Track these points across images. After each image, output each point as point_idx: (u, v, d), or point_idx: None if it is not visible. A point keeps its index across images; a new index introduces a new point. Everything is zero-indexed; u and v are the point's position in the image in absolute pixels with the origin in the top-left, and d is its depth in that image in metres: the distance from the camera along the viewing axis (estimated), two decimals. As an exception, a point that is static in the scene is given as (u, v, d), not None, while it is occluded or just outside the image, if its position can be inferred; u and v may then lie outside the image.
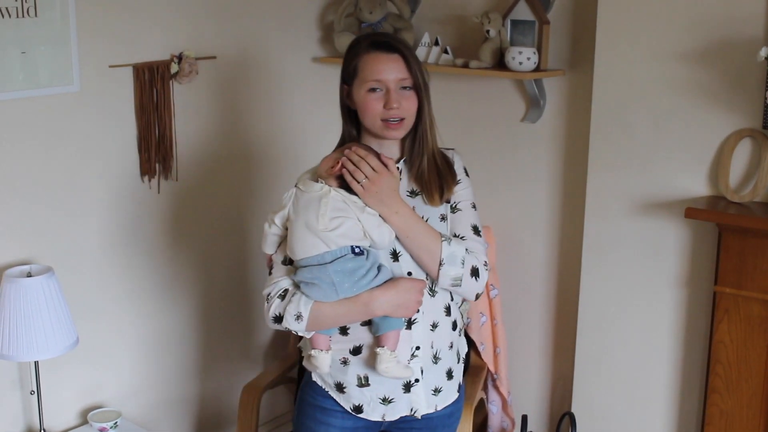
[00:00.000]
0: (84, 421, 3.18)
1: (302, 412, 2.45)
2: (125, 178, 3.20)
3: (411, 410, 2.35)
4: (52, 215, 3.01)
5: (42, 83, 2.91)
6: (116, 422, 3.11)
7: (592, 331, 3.30)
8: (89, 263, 3.14)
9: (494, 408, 3.59)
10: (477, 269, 2.29)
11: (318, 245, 2.19)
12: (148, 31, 3.18)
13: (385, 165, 2.23)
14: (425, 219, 2.28)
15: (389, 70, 2.25)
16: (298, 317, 2.22)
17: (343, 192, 2.22)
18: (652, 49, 2.99)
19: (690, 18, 2.90)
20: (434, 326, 2.32)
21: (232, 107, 3.52)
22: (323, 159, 2.29)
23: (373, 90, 2.25)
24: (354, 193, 2.22)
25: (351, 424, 2.37)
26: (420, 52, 3.57)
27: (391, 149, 2.34)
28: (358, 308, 2.22)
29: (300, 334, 2.27)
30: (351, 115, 2.35)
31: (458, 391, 2.45)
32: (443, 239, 2.25)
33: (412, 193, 2.32)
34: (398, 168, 2.32)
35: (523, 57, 3.25)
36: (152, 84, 3.20)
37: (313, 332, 2.27)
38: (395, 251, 2.27)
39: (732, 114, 2.87)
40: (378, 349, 2.24)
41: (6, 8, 2.77)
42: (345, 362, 2.33)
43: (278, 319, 2.25)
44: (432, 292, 2.30)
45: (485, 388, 3.57)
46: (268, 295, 2.28)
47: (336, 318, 2.24)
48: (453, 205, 2.34)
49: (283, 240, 2.30)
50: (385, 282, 2.23)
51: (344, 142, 2.35)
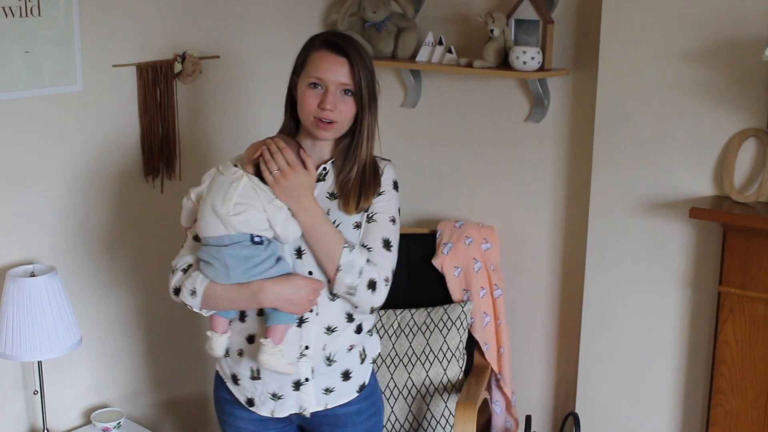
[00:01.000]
0: (87, 421, 3.18)
1: (216, 405, 2.52)
2: (129, 178, 3.20)
3: (300, 408, 2.37)
4: (56, 215, 3.01)
5: (45, 83, 2.91)
6: (119, 422, 3.11)
7: (596, 331, 3.29)
8: (92, 263, 3.14)
9: (498, 408, 3.58)
10: (375, 282, 2.27)
11: (218, 227, 2.23)
12: (152, 31, 3.18)
13: (303, 161, 2.25)
14: (337, 224, 2.28)
15: (332, 72, 2.25)
16: (193, 293, 2.28)
17: (256, 180, 2.25)
18: (657, 49, 2.98)
19: (695, 17, 2.89)
20: (329, 330, 2.32)
21: (236, 107, 3.52)
22: (250, 145, 2.32)
23: (314, 86, 2.26)
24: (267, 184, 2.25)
25: (257, 416, 2.40)
26: (424, 52, 3.56)
27: (324, 149, 2.35)
28: (247, 295, 2.25)
29: (195, 311, 2.31)
30: (293, 107, 2.36)
31: (357, 392, 2.43)
32: (345, 246, 2.25)
33: (332, 196, 2.32)
34: (324, 169, 2.33)
35: (527, 56, 3.24)
36: (156, 83, 3.19)
37: (211, 312, 2.33)
38: (299, 249, 2.28)
39: (737, 113, 2.86)
40: (261, 340, 2.27)
41: (9, 7, 2.77)
42: (241, 353, 2.37)
43: (177, 292, 2.33)
44: (332, 296, 2.31)
45: (489, 388, 3.56)
46: (174, 267, 2.35)
47: (226, 301, 2.28)
48: (369, 215, 2.33)
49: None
50: (280, 276, 2.24)
51: (282, 133, 2.39)
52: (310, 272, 2.29)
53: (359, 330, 2.39)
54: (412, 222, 3.78)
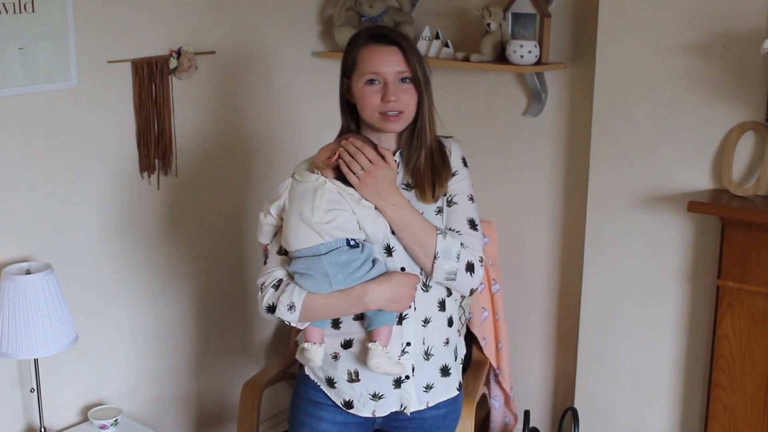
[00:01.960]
0: (84, 419, 3.18)
1: (295, 406, 2.44)
2: (124, 174, 3.19)
3: (401, 406, 2.33)
4: (51, 212, 3.00)
5: (40, 79, 2.90)
6: (117, 419, 3.10)
7: (595, 326, 3.29)
8: (88, 260, 3.13)
9: (497, 403, 3.58)
10: (472, 264, 2.26)
11: (313, 237, 2.18)
12: (147, 27, 3.16)
13: (383, 156, 2.21)
14: (420, 212, 2.26)
15: (387, 63, 2.23)
16: (291, 307, 2.21)
17: (339, 184, 2.21)
18: (654, 42, 2.97)
19: (692, 10, 2.88)
20: (426, 322, 2.30)
21: (232, 102, 3.50)
22: (320, 149, 2.28)
23: (371, 82, 2.24)
24: (350, 185, 2.20)
25: (343, 419, 2.36)
26: (421, 46, 3.55)
27: (389, 142, 2.32)
28: (352, 301, 2.21)
29: (293, 325, 2.25)
30: (350, 109, 2.33)
31: (458, 390, 2.42)
32: (438, 233, 2.23)
33: (408, 186, 2.30)
34: (395, 160, 2.30)
35: (524, 50, 3.23)
36: (151, 79, 3.18)
37: (307, 324, 2.27)
38: (389, 246, 2.25)
39: (735, 107, 2.85)
40: (370, 344, 2.23)
41: (3, 4, 2.76)
42: (336, 357, 2.32)
43: (271, 309, 2.25)
44: (425, 287, 2.28)
45: (487, 384, 3.56)
46: (262, 285, 2.27)
47: (328, 310, 2.23)
48: (449, 198, 2.31)
49: (278, 230, 2.29)
50: (379, 276, 2.21)
51: (343, 134, 2.34)
52: (402, 268, 2.26)
53: (450, 323, 2.36)
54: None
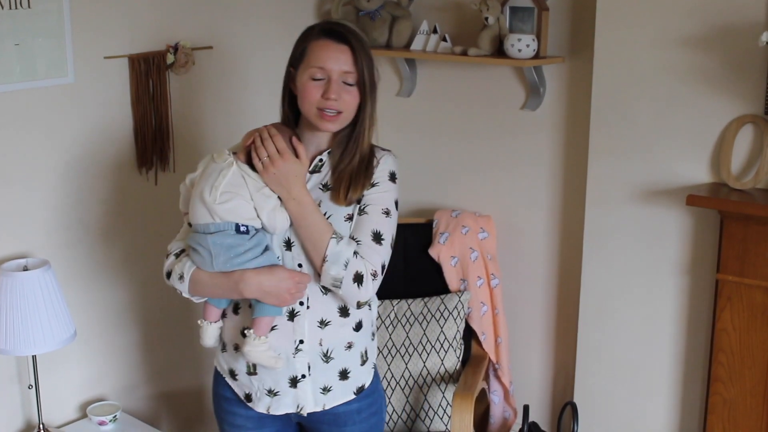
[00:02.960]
0: (83, 415, 3.18)
1: (214, 402, 2.50)
2: (122, 170, 3.19)
3: (297, 407, 2.34)
4: (49, 208, 3.00)
5: (37, 75, 2.89)
6: (115, 416, 3.10)
7: (594, 320, 3.28)
8: (86, 256, 3.12)
9: (496, 398, 3.58)
10: (361, 276, 2.22)
11: (205, 215, 2.23)
12: (143, 22, 3.16)
13: (295, 149, 2.22)
14: (328, 215, 2.24)
15: (335, 60, 2.22)
16: (181, 277, 2.29)
17: (246, 168, 2.23)
18: (653, 35, 2.96)
19: (691, 3, 2.87)
20: (323, 323, 2.29)
21: (229, 98, 3.50)
22: (246, 133, 2.30)
23: (315, 78, 2.22)
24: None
25: (255, 414, 2.38)
26: (418, 40, 3.54)
27: (321, 140, 2.32)
28: (229, 284, 2.23)
29: (185, 296, 2.32)
30: (292, 100, 2.33)
31: (355, 394, 2.39)
32: (333, 236, 2.21)
33: (325, 187, 2.28)
34: (321, 160, 2.30)
35: (522, 44, 3.22)
36: (148, 75, 3.17)
37: (202, 300, 2.32)
38: (289, 240, 2.26)
39: (733, 100, 2.85)
40: (246, 330, 2.26)
41: (-1, -1, 2.76)
42: (236, 348, 2.34)
43: (168, 275, 2.34)
44: (324, 290, 2.28)
45: (487, 378, 3.56)
46: (169, 250, 2.36)
47: (210, 288, 2.27)
48: (361, 207, 2.28)
49: None
50: (264, 267, 2.22)
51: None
52: (300, 264, 2.26)
53: (358, 328, 2.35)
54: (408, 212, 3.77)
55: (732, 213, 2.81)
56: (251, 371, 2.33)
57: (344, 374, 2.35)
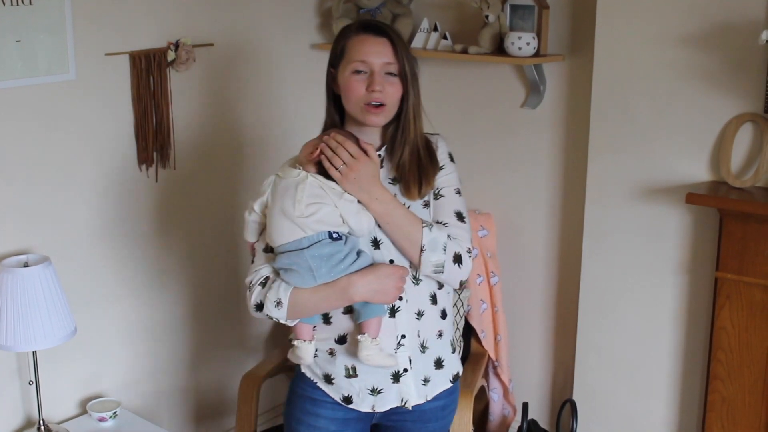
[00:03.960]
0: (83, 411, 3.18)
1: (292, 403, 2.44)
2: (123, 167, 3.19)
3: (401, 401, 2.33)
4: (49, 204, 3.00)
5: (38, 71, 2.89)
6: (115, 412, 3.11)
7: (593, 318, 3.28)
8: (87, 253, 3.13)
9: (495, 395, 3.58)
10: (460, 255, 2.25)
11: (294, 231, 2.18)
12: (145, 19, 3.16)
13: (365, 151, 2.21)
14: (407, 206, 2.25)
15: (375, 53, 2.22)
16: (278, 304, 2.21)
17: (321, 178, 2.21)
18: (653, 33, 2.96)
19: (690, 1, 2.87)
20: (419, 315, 2.29)
21: (230, 95, 3.50)
22: (303, 145, 2.27)
23: (358, 72, 2.23)
24: (333, 180, 2.20)
25: (341, 415, 2.35)
26: (419, 38, 3.55)
27: (373, 137, 2.31)
28: (337, 293, 2.20)
29: (282, 322, 2.25)
30: (336, 101, 2.33)
31: (452, 382, 2.41)
32: (424, 225, 2.22)
33: (394, 181, 2.29)
34: (379, 155, 2.29)
35: (523, 42, 3.23)
36: (149, 72, 3.18)
37: (297, 321, 2.26)
38: (376, 239, 2.25)
39: (733, 98, 2.85)
40: (359, 337, 2.22)
41: (0, -4, 2.76)
42: (332, 353, 2.31)
43: (259, 307, 2.24)
44: (416, 280, 2.28)
45: (486, 376, 3.56)
46: (250, 283, 2.27)
47: (315, 304, 2.22)
48: (436, 192, 2.31)
49: (264, 227, 2.29)
50: (365, 268, 2.21)
51: (327, 129, 2.33)
52: (391, 260, 2.26)
53: (443, 315, 2.36)
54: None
55: (731, 211, 2.81)
56: (350, 374, 2.31)
57: (439, 363, 2.36)
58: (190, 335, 3.53)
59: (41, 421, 2.95)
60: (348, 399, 2.33)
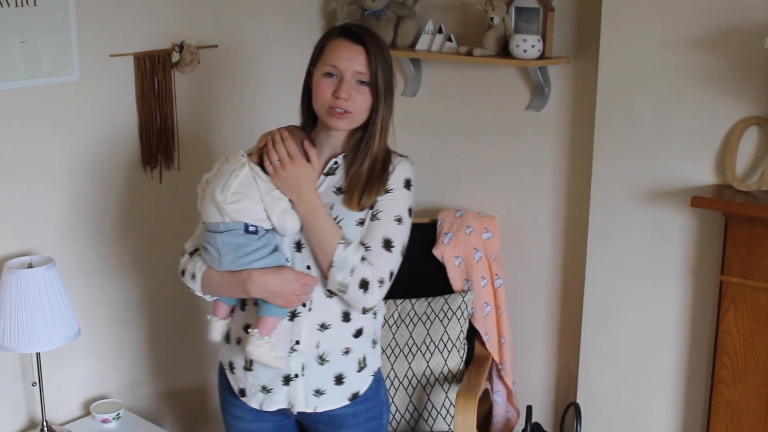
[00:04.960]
0: (86, 413, 3.18)
1: (219, 394, 2.52)
2: (127, 169, 3.19)
3: (288, 404, 2.35)
4: (53, 206, 3.00)
5: (43, 73, 2.89)
6: (119, 413, 3.11)
7: (598, 321, 3.28)
8: (90, 254, 3.13)
9: (499, 398, 3.57)
10: (367, 282, 2.23)
11: (215, 214, 2.25)
12: (149, 20, 3.16)
13: (307, 153, 2.23)
14: (339, 219, 2.25)
15: (348, 60, 2.23)
16: (193, 276, 2.31)
17: (258, 170, 2.25)
18: (658, 36, 2.95)
19: (696, 4, 2.86)
20: (323, 327, 2.29)
21: (235, 96, 3.50)
22: (262, 135, 2.31)
23: (329, 75, 2.24)
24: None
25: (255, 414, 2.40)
26: (423, 40, 3.54)
27: (337, 141, 2.32)
28: (236, 283, 2.25)
29: (198, 294, 2.34)
30: (310, 99, 2.34)
31: (349, 400, 2.38)
32: (341, 242, 2.21)
33: (339, 191, 2.29)
34: (336, 162, 2.30)
35: (528, 44, 3.22)
36: (153, 73, 3.18)
37: (214, 297, 2.35)
38: (299, 242, 2.27)
39: (739, 101, 2.84)
40: (249, 330, 2.27)
41: (5, -3, 2.76)
42: (238, 342, 2.36)
43: (182, 273, 2.36)
44: (329, 294, 2.28)
45: (490, 379, 3.55)
46: (184, 249, 2.39)
47: (219, 287, 2.30)
48: (373, 213, 2.28)
49: None
50: (271, 267, 2.24)
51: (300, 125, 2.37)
52: (308, 267, 2.27)
53: (358, 334, 2.35)
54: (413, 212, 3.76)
55: (737, 215, 2.80)
56: (248, 367, 2.36)
57: (339, 379, 2.35)
58: (194, 337, 3.52)
59: (44, 423, 2.95)
60: (242, 391, 2.38)
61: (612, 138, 3.11)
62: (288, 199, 2.23)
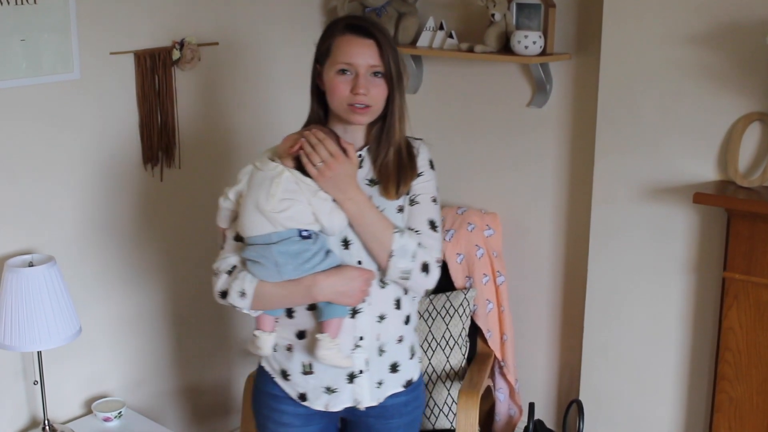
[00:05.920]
0: (88, 411, 3.18)
1: (257, 399, 2.47)
2: (128, 167, 3.18)
3: (355, 401, 2.34)
4: (54, 204, 2.99)
5: (43, 71, 2.89)
6: (120, 412, 3.10)
7: (600, 318, 3.27)
8: (91, 252, 3.12)
9: (501, 396, 3.57)
10: (428, 265, 2.25)
11: (265, 225, 2.18)
12: (149, 18, 3.15)
13: (344, 150, 2.21)
14: (381, 209, 2.24)
15: (361, 55, 2.22)
16: (242, 294, 2.22)
17: (298, 174, 2.20)
18: (660, 32, 2.95)
19: (698, 0, 2.86)
20: (381, 318, 2.29)
21: (235, 94, 3.49)
22: (284, 138, 2.27)
23: (343, 72, 2.22)
24: (309, 176, 2.19)
25: (303, 411, 2.36)
26: (425, 37, 3.54)
27: (356, 135, 2.31)
28: (300, 291, 2.21)
29: (245, 312, 2.27)
30: (320, 97, 2.32)
31: (404, 387, 2.39)
32: (395, 231, 2.22)
33: (371, 182, 2.29)
34: (360, 155, 2.29)
35: (529, 41, 3.21)
36: (154, 71, 3.17)
37: (259, 312, 2.28)
38: (346, 239, 2.25)
39: (741, 97, 2.84)
40: (318, 335, 2.23)
41: (4, -5, 2.75)
42: (290, 349, 2.33)
43: (224, 295, 2.27)
44: (382, 284, 2.27)
45: (492, 376, 3.55)
46: (217, 270, 2.29)
47: (279, 299, 2.24)
48: (411, 198, 2.30)
49: (237, 215, 2.29)
50: (332, 268, 2.21)
51: (310, 123, 2.33)
52: (359, 262, 2.25)
53: (407, 321, 2.36)
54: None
55: (739, 211, 2.80)
56: (307, 371, 2.32)
57: (394, 368, 2.36)
58: (196, 334, 3.52)
59: (46, 421, 2.95)
60: (303, 396, 2.35)
61: (614, 134, 3.11)
62: (331, 199, 2.20)
